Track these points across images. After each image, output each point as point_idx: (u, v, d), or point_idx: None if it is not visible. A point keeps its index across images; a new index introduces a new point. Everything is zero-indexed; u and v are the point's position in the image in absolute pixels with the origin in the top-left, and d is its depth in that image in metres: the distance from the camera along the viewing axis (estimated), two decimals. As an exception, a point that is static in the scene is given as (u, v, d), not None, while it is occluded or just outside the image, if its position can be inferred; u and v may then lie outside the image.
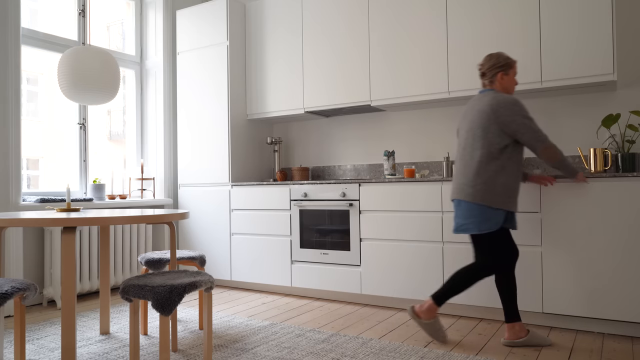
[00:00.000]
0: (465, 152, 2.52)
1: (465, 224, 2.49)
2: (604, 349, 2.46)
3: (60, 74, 2.76)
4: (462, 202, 2.50)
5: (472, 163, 2.47)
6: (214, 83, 4.14)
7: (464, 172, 2.50)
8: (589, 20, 2.93)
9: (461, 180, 2.50)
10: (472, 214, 2.46)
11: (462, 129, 2.59)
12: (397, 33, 3.55)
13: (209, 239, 4.12)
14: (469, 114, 2.56)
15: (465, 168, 2.50)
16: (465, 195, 2.47)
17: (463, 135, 2.56)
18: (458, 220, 2.53)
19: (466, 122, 2.56)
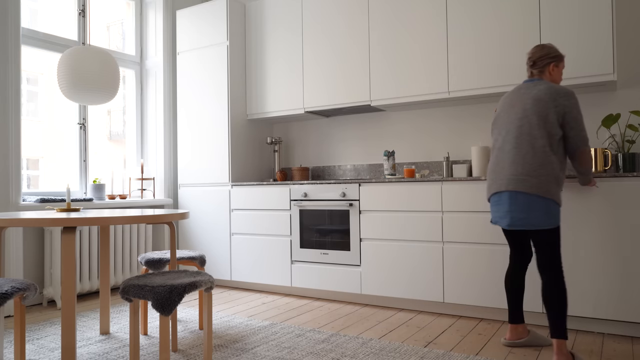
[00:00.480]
0: (521, 140, 2.30)
1: (526, 217, 2.26)
2: (604, 349, 2.46)
3: (60, 74, 2.76)
4: (520, 194, 2.26)
5: (535, 152, 2.26)
6: (214, 83, 4.14)
7: (522, 162, 2.27)
8: (589, 20, 2.93)
9: (518, 170, 2.27)
10: (536, 207, 2.24)
11: (510, 117, 2.37)
12: (397, 33, 3.55)
13: (209, 239, 4.12)
14: (517, 102, 2.37)
15: (525, 158, 2.27)
16: (526, 187, 2.24)
17: (515, 123, 2.34)
18: (515, 214, 2.28)
19: (515, 110, 2.36)
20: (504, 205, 2.34)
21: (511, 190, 2.29)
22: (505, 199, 2.32)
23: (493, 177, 2.40)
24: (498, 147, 2.41)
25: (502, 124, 2.42)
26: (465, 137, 3.64)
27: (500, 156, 2.38)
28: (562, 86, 2.34)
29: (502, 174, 2.35)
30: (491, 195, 2.42)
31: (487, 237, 2.95)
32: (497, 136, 2.44)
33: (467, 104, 3.63)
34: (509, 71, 3.16)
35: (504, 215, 2.34)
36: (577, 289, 2.71)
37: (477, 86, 3.26)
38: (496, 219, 2.41)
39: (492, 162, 2.43)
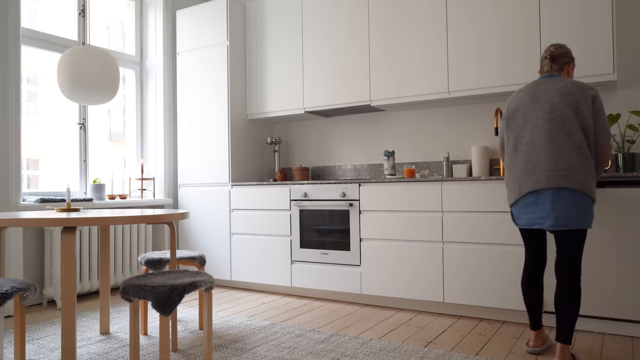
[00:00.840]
0: (556, 135, 2.16)
1: (571, 216, 2.11)
2: (604, 349, 2.46)
3: (60, 74, 2.76)
4: (564, 191, 2.11)
5: (573, 147, 2.14)
6: (214, 83, 4.14)
7: (561, 157, 2.13)
8: (589, 20, 2.93)
9: (558, 166, 2.13)
10: (581, 205, 2.11)
11: (536, 112, 2.24)
12: (397, 32, 3.55)
13: (209, 239, 4.12)
14: (541, 96, 2.24)
15: (563, 152, 2.14)
16: (570, 183, 2.10)
17: (544, 117, 2.20)
18: (559, 213, 2.11)
19: (541, 105, 2.23)
20: (544, 204, 2.15)
21: (553, 187, 2.12)
22: (547, 197, 2.14)
23: (525, 175, 2.21)
24: (525, 143, 2.23)
25: (524, 119, 2.27)
26: (465, 137, 3.64)
27: (531, 152, 2.20)
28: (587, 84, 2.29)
29: (537, 171, 2.17)
30: (523, 196, 2.21)
31: (487, 237, 2.95)
32: (520, 132, 2.28)
33: (467, 104, 3.63)
34: (509, 71, 3.16)
35: (546, 215, 2.15)
36: (577, 289, 2.71)
37: (477, 86, 3.26)
38: (532, 221, 2.21)
39: (522, 160, 2.23)
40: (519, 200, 2.25)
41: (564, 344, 2.16)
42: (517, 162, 2.27)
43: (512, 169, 2.29)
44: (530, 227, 2.24)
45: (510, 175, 2.30)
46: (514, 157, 2.30)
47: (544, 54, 2.40)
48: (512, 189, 2.28)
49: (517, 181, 2.25)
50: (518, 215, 2.29)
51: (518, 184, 2.24)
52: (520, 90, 2.38)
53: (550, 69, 2.36)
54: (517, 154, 2.28)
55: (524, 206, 2.23)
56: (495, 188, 2.93)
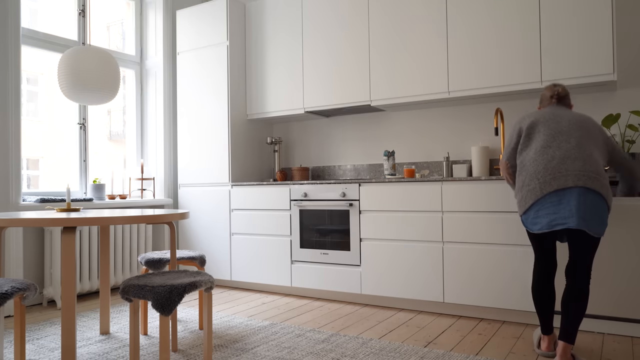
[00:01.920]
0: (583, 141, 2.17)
1: (590, 219, 2.07)
2: (604, 349, 2.46)
3: (60, 74, 2.76)
4: (590, 192, 2.07)
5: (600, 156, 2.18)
6: (214, 83, 4.14)
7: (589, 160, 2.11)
8: (589, 20, 2.93)
9: (586, 167, 2.09)
10: (602, 210, 2.09)
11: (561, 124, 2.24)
12: (397, 32, 3.55)
13: (209, 239, 4.12)
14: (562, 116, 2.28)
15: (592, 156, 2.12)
16: (598, 186, 2.06)
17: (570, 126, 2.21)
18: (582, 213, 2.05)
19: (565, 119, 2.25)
20: (569, 202, 2.07)
21: (581, 186, 2.05)
22: (573, 195, 2.06)
23: (548, 174, 2.13)
24: (549, 146, 2.19)
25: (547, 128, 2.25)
26: (465, 137, 3.64)
27: (556, 154, 2.15)
28: None
29: (563, 170, 2.10)
30: (545, 195, 2.13)
31: (487, 237, 2.95)
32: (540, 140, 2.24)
33: (467, 104, 3.63)
34: (508, 71, 3.16)
35: (570, 214, 2.05)
36: (577, 289, 2.71)
37: (477, 86, 3.26)
38: (555, 222, 2.11)
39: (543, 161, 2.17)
40: (538, 201, 2.16)
41: (567, 343, 2.15)
42: (536, 163, 2.19)
43: (530, 170, 2.22)
44: (551, 229, 2.13)
45: (526, 178, 2.23)
46: (533, 159, 2.22)
47: (549, 93, 2.42)
48: (530, 189, 2.18)
49: (537, 180, 2.15)
50: (535, 219, 2.19)
51: (538, 183, 2.15)
52: (536, 113, 2.36)
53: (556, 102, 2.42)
54: (537, 156, 2.21)
55: (546, 207, 2.14)
56: (495, 188, 2.93)
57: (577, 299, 2.15)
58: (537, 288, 2.34)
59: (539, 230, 2.19)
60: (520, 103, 3.44)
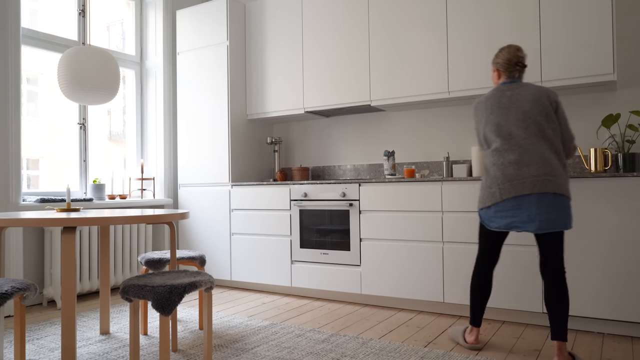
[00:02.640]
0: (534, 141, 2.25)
1: (554, 219, 2.20)
2: (604, 349, 2.46)
3: (60, 74, 2.76)
4: (547, 195, 2.19)
5: (552, 152, 2.25)
6: (214, 83, 4.14)
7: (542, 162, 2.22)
8: (589, 20, 2.93)
9: (540, 171, 2.21)
10: (563, 207, 2.21)
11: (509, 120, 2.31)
12: (398, 32, 3.55)
13: (209, 238, 4.12)
14: (511, 106, 2.32)
15: (544, 157, 2.23)
16: (554, 187, 2.19)
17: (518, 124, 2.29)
18: (543, 216, 2.19)
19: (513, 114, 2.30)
20: (528, 208, 2.21)
21: (537, 192, 2.19)
22: (531, 201, 2.20)
23: (507, 181, 2.25)
24: (503, 150, 2.30)
25: (497, 129, 2.33)
26: (465, 137, 3.64)
27: (511, 158, 2.27)
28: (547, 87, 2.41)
29: (519, 177, 2.23)
30: (504, 200, 2.26)
31: (487, 237, 2.95)
32: (494, 140, 2.34)
33: (467, 104, 3.63)
34: (509, 71, 3.16)
35: (529, 220, 2.21)
36: (577, 288, 2.71)
37: (477, 86, 3.26)
38: (513, 225, 2.26)
39: (500, 166, 2.29)
40: (498, 204, 2.28)
41: (563, 341, 2.21)
42: (495, 167, 2.32)
43: (490, 173, 2.34)
44: (508, 229, 2.28)
45: (488, 180, 2.34)
46: (492, 163, 2.34)
47: (514, 59, 2.40)
48: (491, 193, 2.31)
49: (497, 186, 2.28)
50: (493, 218, 2.32)
51: (498, 188, 2.28)
52: (487, 99, 2.41)
53: (517, 75, 2.42)
54: (494, 160, 2.33)
55: (506, 209, 2.27)
56: (495, 188, 2.93)
57: (560, 298, 2.23)
58: (479, 281, 2.46)
59: (496, 228, 2.33)
60: (520, 103, 3.44)
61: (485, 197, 2.34)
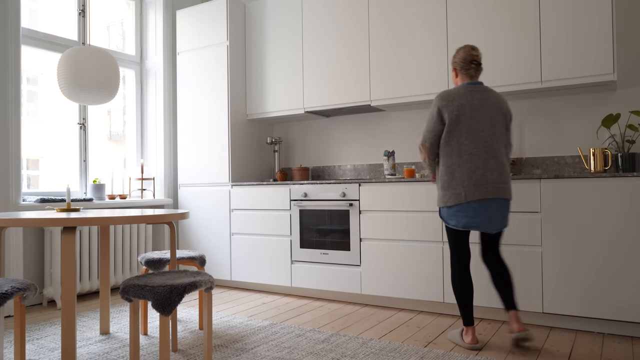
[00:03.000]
0: (495, 149, 2.44)
1: (504, 221, 2.49)
2: (604, 349, 2.46)
3: (60, 74, 2.76)
4: (503, 200, 2.44)
5: (505, 160, 2.47)
6: (214, 83, 4.14)
7: (501, 170, 2.43)
8: (589, 20, 2.93)
9: (500, 178, 2.42)
10: (509, 209, 2.51)
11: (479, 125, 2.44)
12: (398, 32, 3.55)
13: (209, 238, 4.12)
14: (481, 109, 2.45)
15: (500, 165, 2.43)
16: (507, 194, 2.44)
17: (486, 131, 2.43)
18: (498, 217, 2.44)
19: (482, 117, 2.44)
20: (487, 210, 2.41)
21: (496, 197, 2.41)
22: (491, 205, 2.42)
23: (473, 184, 2.40)
24: (470, 153, 2.42)
25: (467, 129, 2.43)
26: (465, 137, 3.64)
27: (478, 163, 2.41)
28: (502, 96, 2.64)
29: (484, 182, 2.40)
30: (469, 202, 2.41)
31: (487, 237, 2.95)
32: (463, 141, 2.43)
33: (467, 104, 3.63)
34: (508, 71, 3.16)
35: (488, 221, 2.43)
36: (577, 288, 2.71)
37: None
38: (472, 224, 2.44)
39: (467, 169, 2.41)
40: (461, 205, 2.43)
41: (516, 310, 2.48)
42: (461, 169, 2.43)
43: (456, 175, 2.44)
44: (465, 228, 2.46)
45: (453, 181, 2.44)
46: (458, 164, 2.44)
47: (469, 57, 2.52)
48: (456, 194, 2.43)
49: (463, 188, 2.41)
50: (454, 217, 2.47)
51: (464, 190, 2.41)
52: (459, 96, 2.47)
53: (475, 75, 2.55)
54: (462, 162, 2.43)
55: (468, 210, 2.42)
56: (495, 188, 2.93)
57: (506, 275, 2.52)
58: (459, 277, 2.53)
59: (454, 225, 2.50)
60: (520, 103, 3.44)
61: (449, 197, 2.45)
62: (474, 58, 2.52)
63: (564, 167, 3.29)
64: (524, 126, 3.43)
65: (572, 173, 3.21)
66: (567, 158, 3.28)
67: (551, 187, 2.79)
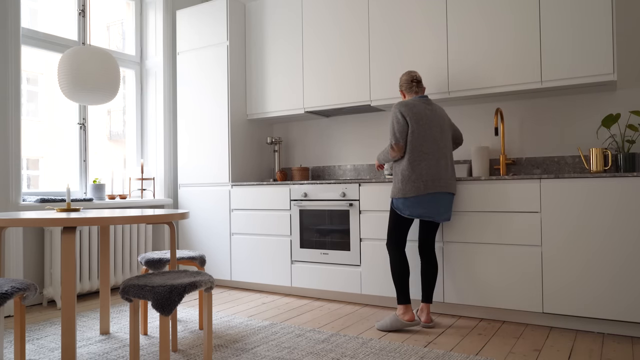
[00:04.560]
0: (445, 151, 2.87)
1: (448, 211, 2.89)
2: (604, 349, 2.46)
3: (60, 74, 2.76)
4: (449, 194, 2.88)
5: (451, 160, 2.91)
6: (214, 83, 4.14)
7: (448, 168, 2.86)
8: (589, 20, 2.93)
9: (446, 175, 2.84)
10: (452, 203, 2.93)
11: (432, 130, 2.85)
12: (397, 32, 3.56)
13: (209, 238, 4.12)
14: (433, 118, 2.87)
15: (448, 164, 2.87)
16: (452, 189, 2.87)
17: (438, 136, 2.86)
18: (444, 209, 2.86)
19: (435, 125, 2.86)
20: (439, 202, 2.83)
21: (445, 191, 2.83)
22: (441, 198, 2.83)
23: (430, 180, 2.79)
24: (427, 153, 2.81)
25: (424, 134, 2.82)
26: (465, 137, 3.64)
27: (432, 162, 2.81)
28: None
29: (437, 178, 2.81)
30: (425, 194, 2.79)
31: (487, 236, 2.95)
32: (422, 143, 2.82)
33: (467, 104, 3.63)
34: (508, 71, 3.16)
35: (438, 212, 2.83)
36: (577, 288, 2.71)
37: (477, 86, 3.26)
38: (426, 214, 2.81)
39: (425, 166, 2.80)
40: (419, 197, 2.80)
41: (429, 303, 2.89)
42: (420, 167, 2.81)
43: (416, 171, 2.80)
44: (420, 217, 2.83)
45: (413, 175, 2.80)
46: (418, 162, 2.81)
47: (410, 78, 2.96)
48: (416, 186, 2.79)
49: (422, 182, 2.79)
50: (409, 207, 2.82)
51: (422, 183, 2.79)
52: (415, 105, 2.87)
53: (418, 90, 2.97)
54: (421, 160, 2.81)
55: (423, 202, 2.80)
56: (495, 188, 2.93)
57: (433, 270, 2.91)
58: (399, 259, 2.87)
59: (408, 215, 2.83)
60: (520, 103, 3.44)
61: (408, 189, 2.80)
62: (413, 77, 2.96)
63: (564, 167, 3.29)
64: (524, 126, 3.43)
65: (572, 173, 3.21)
66: (567, 158, 3.28)
67: (551, 187, 2.79)
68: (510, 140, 3.48)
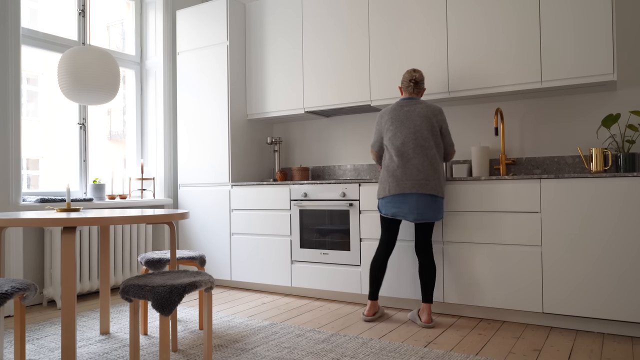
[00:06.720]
0: (418, 151, 2.87)
1: (426, 212, 2.87)
2: (604, 349, 2.46)
3: (60, 74, 2.76)
4: (423, 195, 2.86)
5: (429, 161, 2.87)
6: (214, 83, 4.14)
7: (422, 169, 2.86)
8: (589, 20, 2.93)
9: (420, 176, 2.86)
10: (434, 204, 2.87)
11: (403, 131, 2.91)
12: (397, 32, 3.56)
13: (209, 239, 4.12)
14: (406, 119, 2.92)
15: (423, 165, 2.86)
16: (427, 189, 2.85)
17: (410, 136, 2.89)
18: (420, 210, 2.85)
19: (407, 125, 2.91)
20: (409, 203, 2.87)
21: (415, 192, 2.85)
22: (411, 199, 2.86)
23: (395, 181, 2.89)
24: (397, 155, 2.90)
25: (394, 136, 2.92)
26: (465, 137, 3.64)
27: (400, 163, 2.89)
28: (434, 104, 2.99)
29: (404, 179, 2.87)
30: (392, 195, 2.90)
31: (487, 236, 2.95)
32: (392, 145, 2.92)
33: (468, 104, 3.63)
34: (509, 71, 3.16)
35: (410, 212, 2.87)
36: (577, 288, 2.71)
37: (477, 86, 3.26)
38: (397, 214, 2.90)
39: (393, 168, 2.91)
40: (389, 197, 2.92)
41: (430, 303, 2.91)
42: (388, 169, 2.94)
43: (388, 171, 2.94)
44: (394, 217, 2.92)
45: (385, 176, 2.96)
46: (387, 165, 2.95)
47: (410, 78, 3.00)
48: (383, 187, 2.95)
49: (388, 184, 2.92)
50: (385, 206, 2.96)
51: (388, 186, 2.92)
52: (388, 112, 3.00)
53: (413, 91, 3.02)
54: (389, 163, 2.95)
55: (394, 201, 2.91)
56: (496, 188, 2.93)
57: (431, 270, 2.92)
58: (378, 263, 2.99)
59: (385, 214, 2.96)
60: (520, 103, 3.45)
61: (380, 190, 2.98)
62: (412, 78, 3.00)
63: (564, 167, 3.29)
64: (524, 126, 3.43)
65: (572, 173, 3.21)
66: (567, 158, 3.28)
67: (551, 187, 2.79)
68: (510, 140, 3.48)
